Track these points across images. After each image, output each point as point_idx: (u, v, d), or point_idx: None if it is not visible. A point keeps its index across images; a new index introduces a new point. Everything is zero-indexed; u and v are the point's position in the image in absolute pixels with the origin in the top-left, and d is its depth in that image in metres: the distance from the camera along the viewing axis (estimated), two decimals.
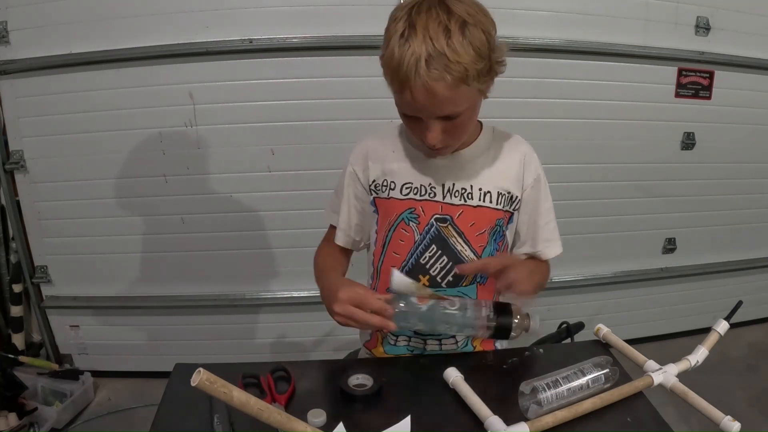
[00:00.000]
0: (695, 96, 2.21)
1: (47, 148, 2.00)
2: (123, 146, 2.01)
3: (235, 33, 1.90)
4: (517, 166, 1.04)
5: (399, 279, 0.96)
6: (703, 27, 2.11)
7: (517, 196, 1.05)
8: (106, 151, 2.01)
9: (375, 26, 1.89)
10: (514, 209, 1.06)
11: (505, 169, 1.04)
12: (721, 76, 2.20)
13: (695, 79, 2.19)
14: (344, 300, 0.90)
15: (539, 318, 0.93)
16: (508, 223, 1.07)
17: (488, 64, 0.88)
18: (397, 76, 0.86)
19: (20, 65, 1.89)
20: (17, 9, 1.85)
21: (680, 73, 2.17)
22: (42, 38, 1.87)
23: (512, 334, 0.92)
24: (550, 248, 1.10)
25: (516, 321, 0.92)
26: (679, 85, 2.18)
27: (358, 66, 1.93)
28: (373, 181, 1.07)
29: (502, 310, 0.93)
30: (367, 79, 1.92)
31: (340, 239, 1.13)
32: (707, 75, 2.20)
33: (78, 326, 2.23)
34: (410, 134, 1.01)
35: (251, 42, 1.90)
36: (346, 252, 1.17)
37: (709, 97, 2.22)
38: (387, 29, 0.89)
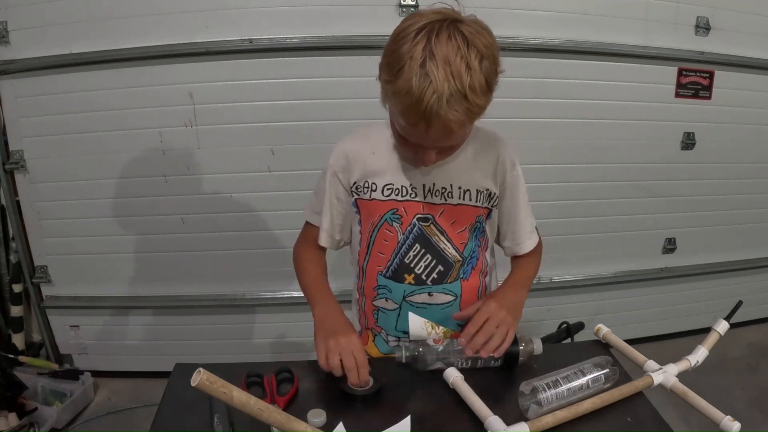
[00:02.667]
0: (695, 96, 2.21)
1: (47, 148, 2.00)
2: (123, 146, 2.00)
3: (235, 33, 1.89)
4: (494, 162, 1.05)
5: (414, 320, 1.06)
6: (703, 27, 2.11)
7: (495, 193, 1.07)
8: (106, 151, 2.01)
9: (375, 26, 1.91)
10: (492, 205, 1.08)
11: (482, 167, 1.05)
12: (721, 76, 2.20)
13: (695, 79, 2.19)
14: (333, 351, 0.93)
15: (540, 341, 1.03)
16: (487, 219, 1.09)
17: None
18: (415, 111, 0.83)
19: (20, 65, 1.89)
20: (17, 9, 1.84)
21: (680, 73, 2.16)
22: (42, 38, 1.87)
23: (520, 359, 1.00)
24: (531, 240, 1.13)
25: (522, 347, 1.00)
26: (679, 85, 2.18)
27: (358, 66, 1.93)
28: (354, 183, 1.08)
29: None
30: (367, 79, 1.88)
31: (324, 241, 1.14)
32: (707, 75, 2.19)
33: (78, 326, 2.23)
34: (400, 148, 1.01)
35: (251, 42, 1.90)
36: (325, 250, 1.19)
37: (709, 97, 2.22)
38: (399, 45, 0.84)
